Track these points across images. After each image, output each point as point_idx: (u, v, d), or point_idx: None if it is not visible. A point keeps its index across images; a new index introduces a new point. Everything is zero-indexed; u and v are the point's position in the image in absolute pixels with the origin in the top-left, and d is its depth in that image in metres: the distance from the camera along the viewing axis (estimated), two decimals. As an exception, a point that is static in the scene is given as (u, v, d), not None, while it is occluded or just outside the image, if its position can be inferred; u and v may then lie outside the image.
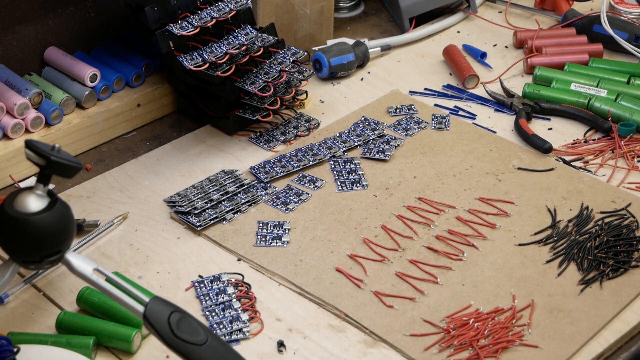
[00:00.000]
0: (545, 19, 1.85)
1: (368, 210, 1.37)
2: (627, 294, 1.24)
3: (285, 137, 1.52)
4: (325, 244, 1.31)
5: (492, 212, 1.37)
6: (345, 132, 1.52)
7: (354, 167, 1.45)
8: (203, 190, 1.38)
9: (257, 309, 1.22)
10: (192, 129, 1.55)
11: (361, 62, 1.69)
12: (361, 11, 1.88)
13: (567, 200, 1.39)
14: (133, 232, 1.34)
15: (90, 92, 1.49)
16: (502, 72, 1.67)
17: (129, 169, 1.46)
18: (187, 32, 1.43)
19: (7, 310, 1.21)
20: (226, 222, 1.35)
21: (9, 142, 1.42)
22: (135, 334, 1.15)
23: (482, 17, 1.85)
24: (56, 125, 1.46)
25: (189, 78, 1.51)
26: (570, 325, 1.19)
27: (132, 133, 1.55)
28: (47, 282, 1.25)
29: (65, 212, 1.01)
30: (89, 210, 1.37)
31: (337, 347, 1.17)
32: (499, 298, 1.23)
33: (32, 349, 1.12)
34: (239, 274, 1.26)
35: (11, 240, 1.00)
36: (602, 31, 1.72)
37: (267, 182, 1.41)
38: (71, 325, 1.17)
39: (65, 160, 1.00)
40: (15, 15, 1.48)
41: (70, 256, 1.02)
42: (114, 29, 1.62)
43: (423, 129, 1.54)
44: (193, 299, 1.23)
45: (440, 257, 1.30)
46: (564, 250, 1.30)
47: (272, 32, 1.52)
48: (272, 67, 1.49)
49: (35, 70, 1.54)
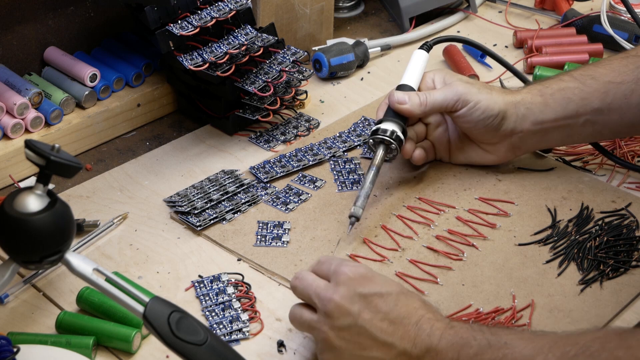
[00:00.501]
0: (545, 19, 1.85)
1: (368, 210, 1.37)
2: (627, 294, 1.24)
3: (285, 137, 1.52)
4: (325, 244, 1.31)
5: (492, 212, 1.37)
6: (345, 132, 1.52)
7: (354, 167, 1.45)
8: (203, 190, 1.38)
9: (257, 309, 1.22)
10: (192, 129, 1.55)
11: (361, 62, 1.69)
12: (361, 11, 1.88)
13: (567, 200, 1.39)
14: (133, 232, 1.34)
15: (90, 92, 1.49)
16: (502, 72, 1.67)
17: (129, 169, 1.46)
18: (187, 32, 1.43)
19: (7, 310, 1.21)
20: (226, 222, 1.35)
21: (9, 142, 1.42)
22: (135, 334, 1.15)
23: (482, 17, 1.85)
24: (56, 125, 1.46)
25: (189, 78, 1.51)
26: (570, 325, 1.19)
27: (132, 133, 1.55)
28: (47, 282, 1.25)
29: (65, 212, 1.01)
30: (89, 210, 1.37)
31: (337, 347, 1.17)
32: (499, 298, 1.23)
33: (32, 349, 1.12)
34: (239, 274, 1.26)
35: (11, 240, 1.00)
36: (602, 31, 1.72)
37: (267, 182, 1.41)
38: (71, 325, 1.17)
39: (65, 160, 1.00)
40: (15, 15, 1.48)
41: (70, 256, 1.02)
42: (114, 29, 1.62)
43: (423, 129, 1.54)
44: (193, 299, 1.23)
45: (440, 257, 1.30)
46: (564, 250, 1.30)
47: (272, 32, 1.52)
48: (272, 67, 1.49)
49: (35, 70, 1.54)
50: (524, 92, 1.39)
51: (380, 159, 1.35)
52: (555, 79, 1.39)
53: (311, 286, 1.10)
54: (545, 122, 1.37)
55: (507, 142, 1.39)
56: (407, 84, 1.40)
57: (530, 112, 1.37)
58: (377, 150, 1.36)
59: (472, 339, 1.04)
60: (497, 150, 1.40)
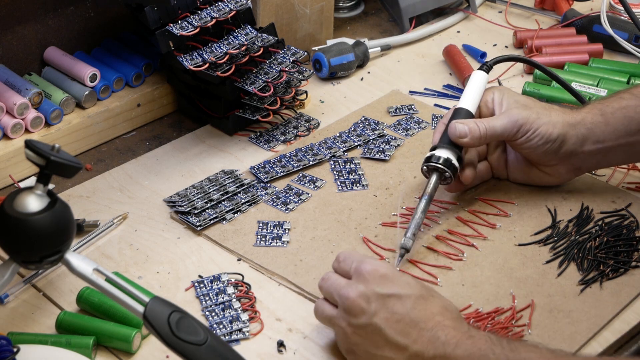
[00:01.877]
0: (545, 19, 1.85)
1: (368, 210, 1.37)
2: (627, 294, 1.24)
3: (285, 137, 1.52)
4: (325, 244, 1.31)
5: (492, 212, 1.37)
6: (345, 132, 1.52)
7: (354, 167, 1.45)
8: (203, 190, 1.38)
9: (257, 309, 1.22)
10: (192, 129, 1.55)
11: (361, 62, 1.69)
12: (361, 11, 1.88)
13: (567, 200, 1.39)
14: (133, 232, 1.34)
15: (90, 92, 1.49)
16: (502, 72, 1.67)
17: (129, 169, 1.46)
18: (187, 32, 1.43)
19: (7, 310, 1.21)
20: (226, 222, 1.35)
21: (9, 142, 1.42)
22: (135, 334, 1.15)
23: (482, 17, 1.85)
24: (56, 125, 1.46)
25: (189, 78, 1.51)
26: (570, 325, 1.19)
27: (132, 133, 1.55)
28: (47, 282, 1.25)
29: (65, 212, 1.01)
30: (89, 210, 1.37)
31: (337, 347, 1.17)
32: (499, 298, 1.23)
33: (32, 349, 1.12)
34: (239, 274, 1.26)
35: (11, 240, 1.00)
36: (602, 31, 1.72)
37: (267, 182, 1.41)
38: (71, 325, 1.17)
39: (65, 160, 1.00)
40: (15, 15, 1.48)
41: (70, 256, 1.02)
42: (114, 29, 1.62)
43: (423, 129, 1.54)
44: (193, 299, 1.23)
45: (440, 257, 1.30)
46: (564, 251, 1.30)
47: (272, 32, 1.52)
48: (272, 67, 1.49)
49: (35, 70, 1.54)
50: (584, 112, 1.36)
51: (433, 188, 1.31)
52: (615, 97, 1.37)
53: (333, 285, 1.13)
54: (607, 142, 1.34)
55: (567, 163, 1.36)
56: (465, 107, 1.37)
57: (591, 133, 1.34)
58: (431, 178, 1.32)
59: (490, 353, 1.05)
60: (556, 171, 1.38)
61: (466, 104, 1.38)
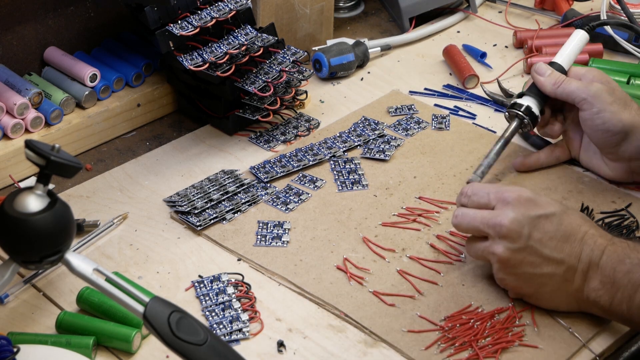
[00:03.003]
0: (545, 19, 1.85)
1: (368, 210, 1.37)
2: (627, 294, 1.24)
3: (285, 137, 1.52)
4: (325, 244, 1.31)
5: (492, 212, 1.37)
6: (345, 132, 1.52)
7: (354, 167, 1.45)
8: (203, 190, 1.38)
9: (257, 309, 1.22)
10: (192, 129, 1.55)
11: (361, 62, 1.69)
12: (361, 11, 1.88)
13: (567, 200, 1.39)
14: (133, 232, 1.34)
15: (90, 92, 1.49)
16: (502, 72, 1.67)
17: (129, 169, 1.46)
18: (187, 32, 1.43)
19: (7, 310, 1.21)
20: (226, 222, 1.35)
21: (9, 142, 1.42)
22: (135, 334, 1.15)
23: (482, 17, 1.85)
24: (56, 125, 1.46)
25: (189, 78, 1.51)
26: (570, 325, 1.19)
27: (132, 133, 1.55)
28: (47, 282, 1.25)
29: (65, 212, 1.01)
30: (89, 210, 1.37)
31: (337, 347, 1.17)
32: (499, 298, 1.23)
33: (32, 349, 1.12)
34: (239, 274, 1.26)
35: (11, 240, 1.00)
36: (602, 31, 1.72)
37: (267, 182, 1.41)
38: (71, 325, 1.17)
39: (65, 160, 1.00)
40: (15, 15, 1.48)
41: (70, 256, 1.02)
42: (114, 29, 1.62)
43: (423, 129, 1.54)
44: (193, 299, 1.23)
45: (440, 256, 1.29)
46: (564, 250, 1.31)
47: (272, 32, 1.52)
48: (272, 67, 1.49)
49: (35, 70, 1.54)
50: None
51: (511, 133, 1.38)
52: None
53: (476, 219, 1.19)
54: None
55: (626, 164, 1.38)
56: (558, 62, 1.42)
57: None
58: (511, 123, 1.39)
59: (626, 257, 1.14)
60: (615, 168, 1.40)
61: (561, 60, 1.43)
